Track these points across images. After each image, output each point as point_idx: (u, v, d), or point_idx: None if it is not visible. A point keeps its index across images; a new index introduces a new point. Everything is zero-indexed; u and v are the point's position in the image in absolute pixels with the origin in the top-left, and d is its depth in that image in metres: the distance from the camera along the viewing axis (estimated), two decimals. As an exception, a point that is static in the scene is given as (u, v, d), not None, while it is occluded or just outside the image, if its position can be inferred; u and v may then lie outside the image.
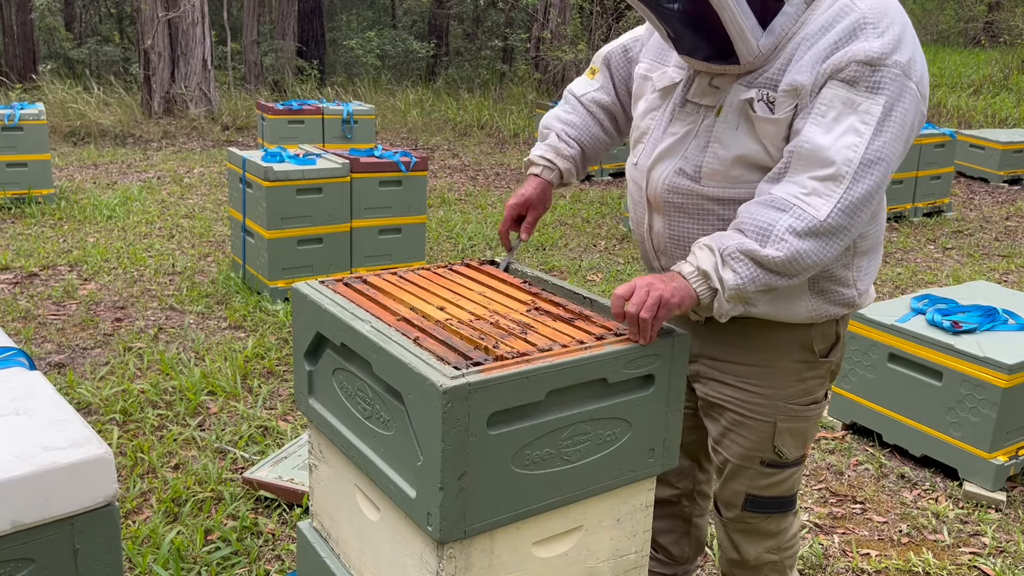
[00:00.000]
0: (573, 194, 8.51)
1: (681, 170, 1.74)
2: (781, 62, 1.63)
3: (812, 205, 1.54)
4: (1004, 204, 8.63)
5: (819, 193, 1.54)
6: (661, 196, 1.77)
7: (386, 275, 1.85)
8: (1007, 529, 2.98)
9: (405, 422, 1.39)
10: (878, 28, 1.56)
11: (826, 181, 1.54)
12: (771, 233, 1.54)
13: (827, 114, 1.55)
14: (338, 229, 5.05)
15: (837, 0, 1.61)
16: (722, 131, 1.68)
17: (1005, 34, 18.17)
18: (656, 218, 1.82)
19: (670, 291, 1.54)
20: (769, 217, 1.55)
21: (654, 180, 1.78)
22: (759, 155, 1.65)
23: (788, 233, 1.53)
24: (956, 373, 3.18)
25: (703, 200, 1.73)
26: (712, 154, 1.69)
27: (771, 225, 1.54)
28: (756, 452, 1.86)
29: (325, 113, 8.80)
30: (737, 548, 1.97)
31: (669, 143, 1.77)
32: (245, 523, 2.80)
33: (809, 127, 1.56)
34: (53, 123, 10.46)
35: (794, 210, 1.54)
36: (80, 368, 4.01)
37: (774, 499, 1.91)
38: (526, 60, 17.05)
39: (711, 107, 1.72)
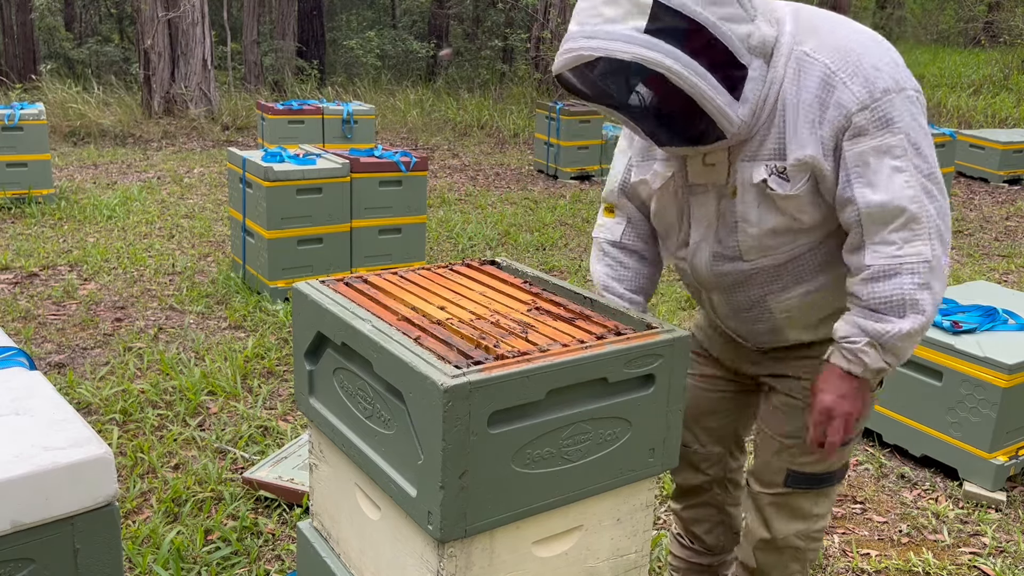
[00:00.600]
0: (573, 194, 8.51)
1: (719, 254, 1.79)
2: (776, 130, 1.64)
3: (913, 253, 1.60)
4: (1004, 204, 8.63)
5: (910, 239, 1.59)
6: (711, 280, 1.83)
7: (387, 275, 1.85)
8: (1007, 529, 2.98)
9: (406, 421, 1.39)
10: (846, 72, 1.57)
11: (908, 225, 1.59)
12: (904, 303, 1.61)
13: (864, 173, 1.59)
14: (338, 229, 5.05)
15: (792, 52, 1.61)
16: (744, 210, 1.71)
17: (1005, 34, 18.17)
18: (713, 294, 1.89)
19: (858, 409, 1.73)
20: (889, 289, 1.61)
21: (699, 268, 1.84)
22: (788, 223, 1.70)
23: (916, 291, 1.60)
24: (956, 373, 3.18)
25: (748, 272, 1.78)
26: (743, 232, 1.73)
27: (898, 296, 1.61)
28: (803, 433, 1.89)
29: (325, 113, 8.80)
30: (767, 524, 1.99)
31: (700, 233, 1.81)
32: (245, 523, 2.80)
33: (858, 192, 1.59)
34: (53, 123, 10.46)
35: (904, 268, 1.60)
36: (80, 368, 4.01)
37: (814, 475, 1.94)
38: (526, 60, 17.05)
39: (720, 185, 1.73)
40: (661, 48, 1.45)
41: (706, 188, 1.76)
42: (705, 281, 1.85)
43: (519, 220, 7.34)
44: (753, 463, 2.02)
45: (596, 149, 9.23)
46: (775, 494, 1.97)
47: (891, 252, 1.60)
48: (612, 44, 1.46)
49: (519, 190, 8.74)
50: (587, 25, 1.49)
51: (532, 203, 8.09)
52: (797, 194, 1.64)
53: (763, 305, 1.82)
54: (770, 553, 2.01)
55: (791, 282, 1.78)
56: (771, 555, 2.01)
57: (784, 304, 1.81)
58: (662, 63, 1.45)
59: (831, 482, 1.97)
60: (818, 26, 1.64)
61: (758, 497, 2.00)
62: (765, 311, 1.83)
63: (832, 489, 2.00)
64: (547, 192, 8.69)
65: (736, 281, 1.81)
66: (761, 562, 2.04)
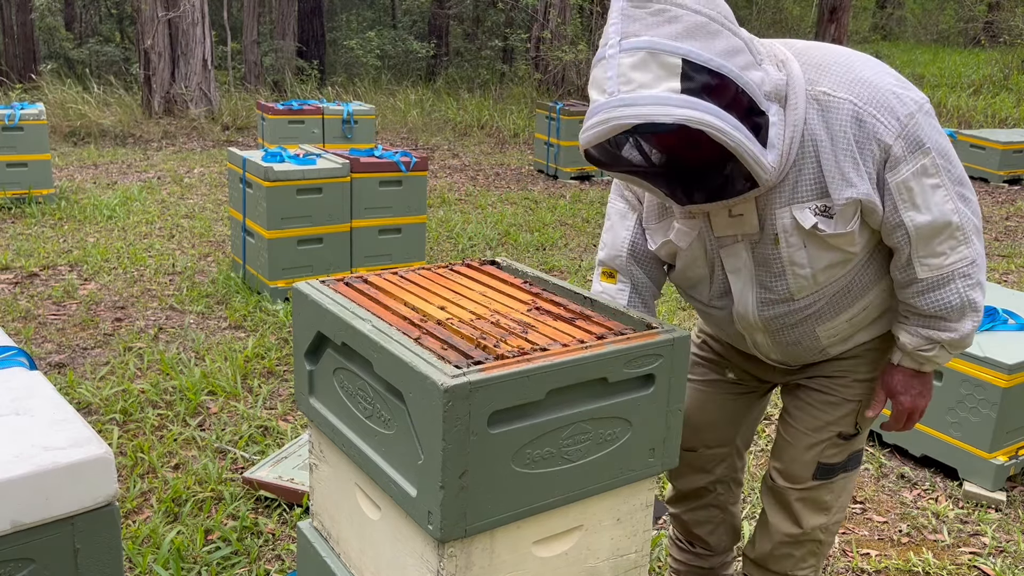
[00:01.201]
0: (573, 194, 8.51)
1: (767, 299, 1.79)
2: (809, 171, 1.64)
3: (961, 258, 1.69)
4: (1004, 204, 8.63)
5: (956, 247, 1.68)
6: (759, 323, 1.84)
7: (387, 275, 1.85)
8: (1007, 529, 2.98)
9: (406, 421, 1.39)
10: (873, 104, 1.60)
11: (954, 234, 1.68)
12: (962, 306, 1.72)
13: (909, 198, 1.64)
14: (338, 229, 5.05)
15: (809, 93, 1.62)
16: (791, 255, 1.72)
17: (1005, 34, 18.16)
18: (758, 336, 1.89)
19: (930, 396, 1.88)
20: (945, 296, 1.71)
21: (745, 315, 1.84)
22: (840, 257, 1.72)
23: (970, 291, 1.71)
24: (956, 373, 3.18)
25: (802, 311, 1.80)
26: (793, 276, 1.74)
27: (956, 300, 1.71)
28: (835, 426, 1.93)
29: (325, 113, 8.80)
30: (797, 519, 2.01)
31: (740, 281, 1.80)
32: (245, 523, 2.80)
33: (906, 216, 1.65)
34: (53, 123, 10.46)
35: (956, 274, 1.70)
36: (80, 368, 4.01)
37: (838, 464, 1.99)
38: (526, 60, 17.05)
39: (750, 235, 1.73)
40: (700, 106, 1.43)
41: (735, 239, 1.75)
42: (751, 326, 1.86)
43: (519, 220, 7.34)
44: (778, 460, 2.03)
45: (596, 149, 9.22)
46: (803, 488, 1.98)
47: (940, 263, 1.68)
48: (652, 109, 1.42)
49: (519, 190, 8.74)
50: (618, 93, 1.44)
51: (532, 203, 8.09)
52: (849, 231, 1.67)
53: (811, 335, 1.85)
54: (793, 547, 2.02)
55: (840, 309, 1.81)
56: (793, 549, 2.02)
57: (832, 330, 1.84)
58: (705, 121, 1.43)
59: (852, 468, 2.01)
60: (822, 62, 1.65)
61: (785, 493, 2.00)
62: (812, 339, 1.86)
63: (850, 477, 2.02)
64: (547, 192, 8.69)
65: (785, 323, 1.83)
66: (780, 556, 2.04)
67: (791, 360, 1.94)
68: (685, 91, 1.43)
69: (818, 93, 1.62)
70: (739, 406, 2.10)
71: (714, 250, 1.79)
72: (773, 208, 1.68)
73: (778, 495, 2.02)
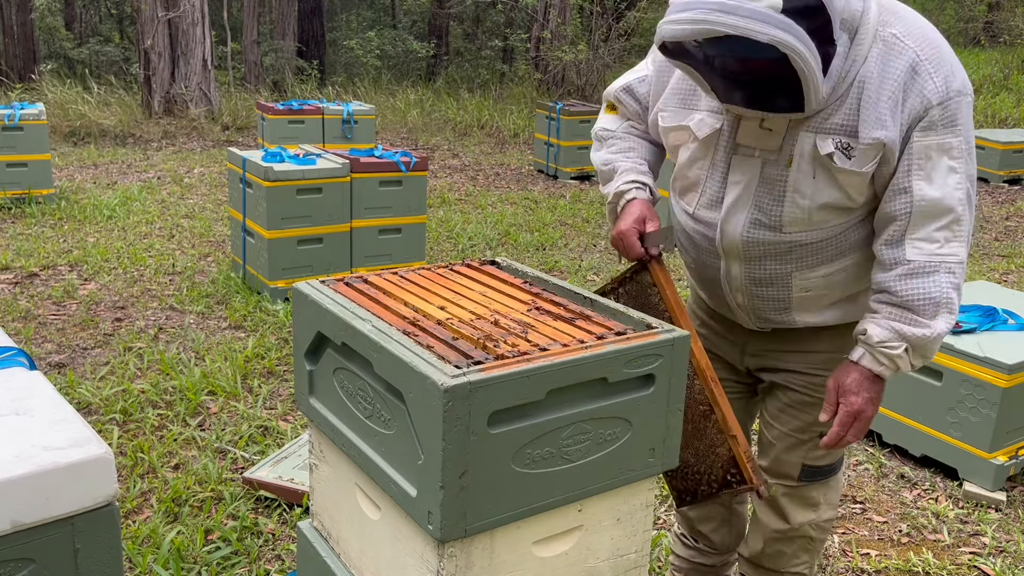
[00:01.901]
0: (573, 194, 8.51)
1: (758, 221, 1.76)
2: (848, 106, 1.63)
3: (952, 253, 1.65)
4: (1004, 204, 8.63)
5: (950, 239, 1.65)
6: (740, 247, 1.81)
7: (387, 275, 1.85)
8: (1007, 529, 2.98)
9: (406, 421, 1.39)
10: (933, 63, 1.60)
11: (951, 225, 1.63)
12: (940, 302, 1.65)
13: (925, 166, 1.61)
14: (338, 229, 5.06)
15: (878, 33, 1.62)
16: (798, 181, 1.69)
17: (1005, 34, 18.16)
18: (733, 264, 1.85)
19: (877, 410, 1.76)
20: (927, 287, 1.65)
21: (730, 233, 1.80)
22: (842, 201, 1.69)
23: (952, 291, 1.66)
24: (956, 373, 3.18)
25: (785, 245, 1.77)
26: (792, 204, 1.72)
27: (934, 293, 1.65)
28: (817, 427, 1.91)
29: (325, 113, 8.80)
30: (784, 515, 2.02)
31: (735, 195, 1.77)
32: (245, 523, 2.80)
33: (916, 184, 1.62)
34: (53, 123, 10.46)
35: (943, 267, 1.65)
36: (80, 368, 4.01)
37: (825, 466, 2.00)
38: (526, 60, 17.06)
39: (769, 151, 1.71)
40: (794, 30, 1.44)
41: (752, 151, 1.73)
42: (731, 247, 1.81)
43: (519, 220, 7.34)
44: (764, 458, 2.04)
45: (596, 149, 9.22)
46: (789, 486, 2.00)
47: (933, 250, 1.64)
48: (751, 24, 1.42)
49: (519, 190, 8.75)
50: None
51: (532, 203, 8.09)
52: (863, 172, 1.64)
53: (785, 281, 1.81)
54: (783, 544, 2.03)
55: (820, 261, 1.77)
56: (784, 545, 2.03)
57: (805, 282, 1.80)
58: (794, 47, 1.44)
59: (837, 471, 2.03)
60: (898, 10, 1.66)
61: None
62: (784, 288, 1.81)
63: (836, 479, 2.04)
64: (547, 192, 8.69)
65: (766, 253, 1.78)
66: (772, 553, 2.05)
67: (754, 314, 1.90)
68: (785, 11, 1.43)
69: (887, 34, 1.62)
70: (736, 408, 2.09)
71: (727, 155, 1.77)
72: (799, 130, 1.67)
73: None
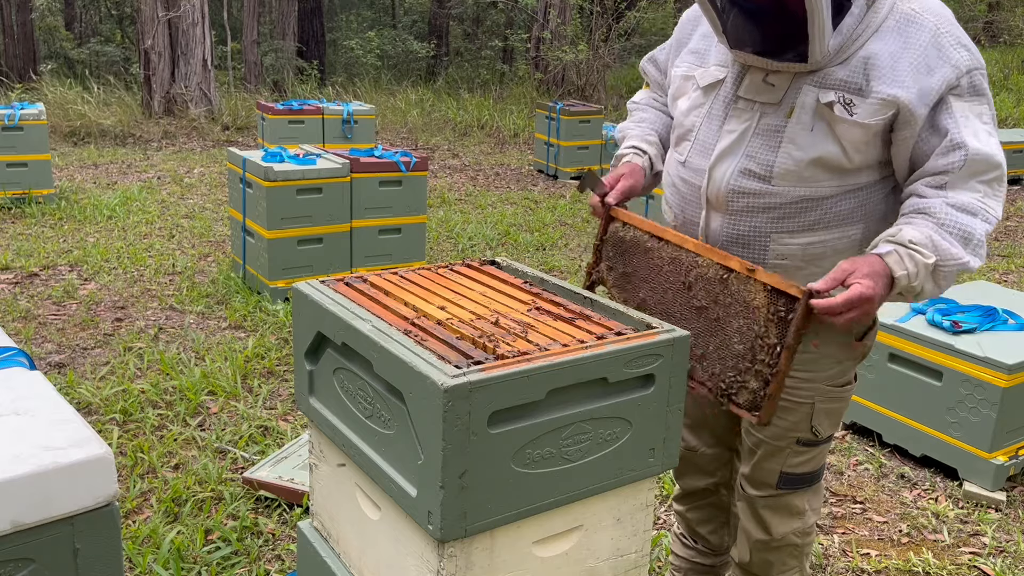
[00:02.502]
0: (573, 194, 8.51)
1: (748, 170, 1.76)
2: (853, 67, 1.67)
3: (991, 207, 1.67)
4: (1004, 204, 8.63)
5: (991, 195, 1.68)
6: (724, 196, 1.79)
7: (387, 275, 1.85)
8: (1007, 529, 2.98)
9: (406, 421, 1.39)
10: (953, 36, 1.66)
11: (993, 183, 1.66)
12: (972, 238, 1.64)
13: (970, 124, 1.65)
14: (338, 229, 5.05)
15: (896, 5, 1.67)
16: (796, 132, 1.71)
17: (1005, 34, 18.17)
18: (714, 216, 1.84)
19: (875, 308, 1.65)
20: (966, 221, 1.64)
21: (717, 180, 1.80)
22: (837, 157, 1.69)
23: (983, 238, 1.65)
24: (956, 373, 3.18)
25: (770, 199, 1.76)
26: (786, 155, 1.72)
27: (971, 230, 1.64)
28: (793, 432, 1.90)
29: (325, 113, 8.80)
30: (766, 526, 2.00)
31: (729, 141, 1.78)
32: (245, 523, 2.80)
33: (970, 139, 1.64)
34: (53, 123, 10.46)
35: (982, 214, 1.65)
36: (80, 368, 4.01)
37: (805, 474, 1.97)
38: (526, 60, 17.06)
39: (769, 104, 1.73)
40: None
41: (752, 105, 1.76)
42: (716, 196, 1.81)
43: (519, 220, 7.34)
44: (745, 466, 2.03)
45: (596, 149, 9.23)
46: (768, 496, 1.98)
47: (976, 197, 1.65)
48: None
49: (519, 190, 8.75)
50: None
51: (532, 203, 8.09)
52: (866, 124, 1.66)
53: (762, 243, 1.79)
54: (768, 552, 2.02)
55: (801, 226, 1.76)
56: (769, 554, 2.02)
57: (783, 248, 1.78)
58: None
59: (817, 480, 2.00)
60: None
61: (753, 500, 2.00)
62: (760, 250, 1.80)
63: (819, 485, 2.03)
64: (547, 192, 8.69)
65: (749, 207, 1.77)
66: (759, 561, 2.04)
67: None
68: None
69: (906, 9, 1.67)
70: (720, 415, 2.08)
71: (727, 105, 1.80)
72: (802, 84, 1.70)
73: (747, 502, 2.03)
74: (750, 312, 1.71)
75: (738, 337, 1.74)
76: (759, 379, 1.71)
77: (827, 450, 1.98)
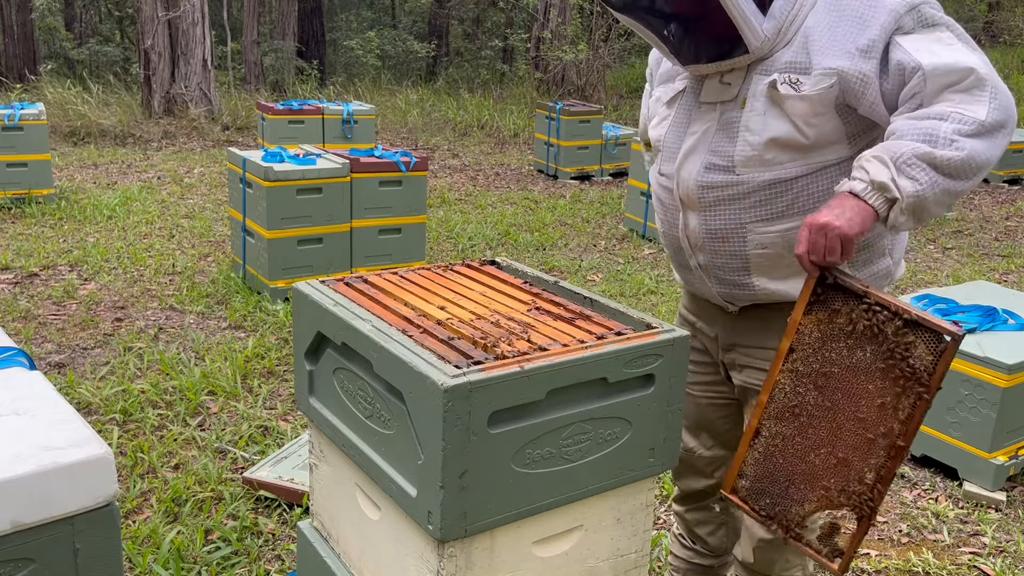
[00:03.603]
0: (573, 194, 8.51)
1: (712, 164, 1.79)
2: (796, 48, 1.69)
3: (969, 110, 1.54)
4: (1004, 204, 8.63)
5: (969, 100, 1.55)
6: (695, 193, 1.82)
7: (387, 275, 1.85)
8: (1007, 529, 2.98)
9: (406, 421, 1.39)
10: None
11: (972, 89, 1.56)
12: (938, 136, 1.52)
13: (924, 46, 1.59)
14: (338, 229, 5.05)
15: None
16: (750, 119, 1.74)
17: (1005, 34, 18.16)
18: (691, 216, 1.86)
19: (847, 224, 1.53)
20: (930, 125, 1.54)
21: (684, 179, 1.83)
22: (790, 134, 1.70)
23: (956, 135, 1.53)
24: (956, 373, 3.18)
25: (739, 188, 1.77)
26: (743, 142, 1.74)
27: (935, 130, 1.53)
28: None
29: (325, 113, 8.80)
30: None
31: (692, 142, 1.83)
32: (245, 523, 2.80)
33: (925, 58, 1.58)
34: (53, 123, 10.46)
35: (953, 116, 1.54)
36: (80, 368, 4.01)
37: None
38: (526, 60, 17.05)
39: (728, 101, 1.77)
40: None
41: (713, 106, 1.80)
42: (688, 196, 1.84)
43: (519, 220, 7.34)
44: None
45: (596, 149, 9.23)
46: None
47: (949, 105, 1.56)
48: None
49: (519, 190, 8.74)
50: None
51: (532, 203, 8.09)
52: (809, 95, 1.66)
53: (740, 234, 1.80)
54: (772, 551, 2.02)
55: (774, 213, 1.76)
56: (773, 553, 2.02)
57: (762, 238, 1.78)
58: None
59: None
60: None
61: None
62: (739, 241, 1.80)
63: None
64: (547, 192, 8.69)
65: (720, 198, 1.79)
66: (762, 559, 2.04)
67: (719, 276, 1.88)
68: None
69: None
70: (727, 407, 2.09)
71: (689, 111, 1.85)
72: (753, 74, 1.73)
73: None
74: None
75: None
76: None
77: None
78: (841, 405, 1.57)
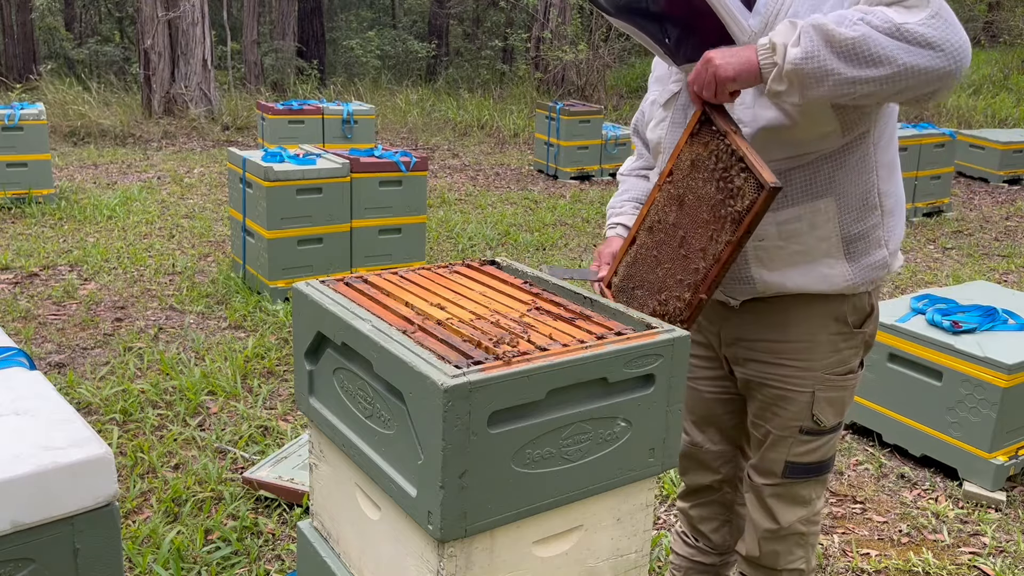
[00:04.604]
0: (573, 194, 8.51)
1: None
2: None
3: (891, 13, 1.51)
4: (1004, 204, 8.63)
5: (901, 10, 1.52)
6: None
7: (387, 275, 1.85)
8: (1007, 529, 2.98)
9: (406, 421, 1.39)
10: None
11: (911, 6, 1.52)
12: (845, 18, 1.52)
13: None
14: (338, 229, 5.06)
15: None
16: (740, 112, 1.76)
17: (1005, 34, 18.18)
18: None
19: (724, 64, 1.60)
20: (849, 12, 1.54)
21: None
22: (780, 121, 1.71)
23: (861, 22, 1.51)
24: (956, 373, 3.18)
25: None
26: None
27: (848, 15, 1.53)
28: (795, 421, 1.91)
29: (325, 113, 8.80)
30: (773, 515, 2.01)
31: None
32: (245, 523, 2.80)
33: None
34: (53, 123, 10.46)
35: (874, 12, 1.52)
36: (80, 368, 4.01)
37: (812, 464, 1.97)
38: (526, 60, 17.05)
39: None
40: None
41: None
42: None
43: (519, 220, 7.34)
44: (752, 456, 2.05)
45: (596, 149, 9.23)
46: (775, 484, 1.99)
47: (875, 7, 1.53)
48: None
49: (519, 190, 8.75)
50: None
51: (532, 203, 8.09)
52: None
53: None
54: (776, 542, 2.03)
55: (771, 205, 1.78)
56: (777, 544, 2.03)
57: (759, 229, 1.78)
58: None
59: (827, 470, 2.01)
60: None
61: (760, 489, 2.02)
62: None
63: (827, 477, 2.03)
64: (547, 192, 8.69)
65: None
66: (767, 551, 2.05)
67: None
68: None
69: None
70: (731, 402, 2.10)
71: (685, 111, 1.86)
72: None
73: (755, 491, 2.04)
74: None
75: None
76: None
77: (835, 441, 1.98)
78: (686, 228, 1.75)
